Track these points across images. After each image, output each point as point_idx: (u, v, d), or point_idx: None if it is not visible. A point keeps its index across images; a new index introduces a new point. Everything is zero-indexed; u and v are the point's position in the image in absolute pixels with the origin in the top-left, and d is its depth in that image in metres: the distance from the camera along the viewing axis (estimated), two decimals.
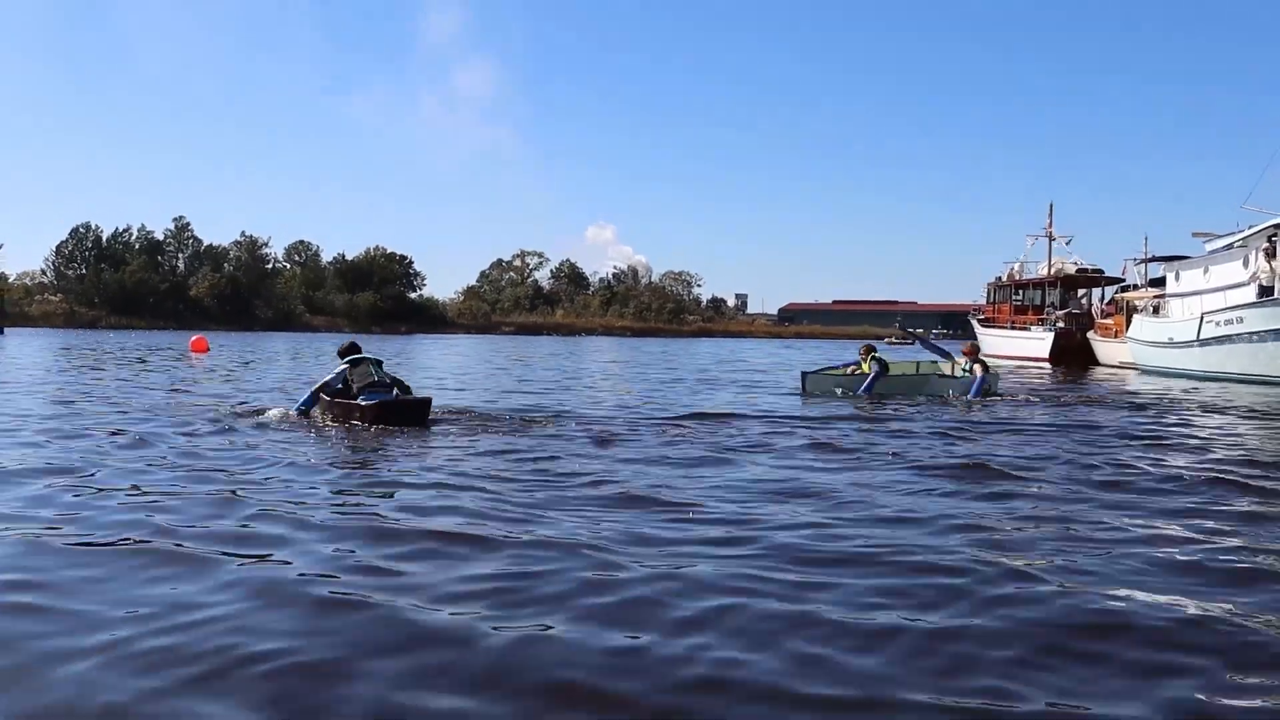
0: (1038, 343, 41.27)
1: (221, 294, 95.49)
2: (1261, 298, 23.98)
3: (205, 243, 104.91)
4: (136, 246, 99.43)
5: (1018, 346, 43.55)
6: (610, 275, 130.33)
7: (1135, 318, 33.33)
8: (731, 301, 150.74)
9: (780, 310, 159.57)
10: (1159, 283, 34.74)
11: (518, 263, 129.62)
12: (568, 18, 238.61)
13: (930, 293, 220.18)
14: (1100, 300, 44.13)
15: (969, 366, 16.80)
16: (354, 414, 10.75)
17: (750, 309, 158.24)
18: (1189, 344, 26.88)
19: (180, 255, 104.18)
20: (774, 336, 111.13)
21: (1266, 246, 24.45)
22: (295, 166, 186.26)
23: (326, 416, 11.07)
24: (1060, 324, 40.81)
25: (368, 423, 10.52)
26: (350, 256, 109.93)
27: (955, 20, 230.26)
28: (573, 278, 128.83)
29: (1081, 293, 45.68)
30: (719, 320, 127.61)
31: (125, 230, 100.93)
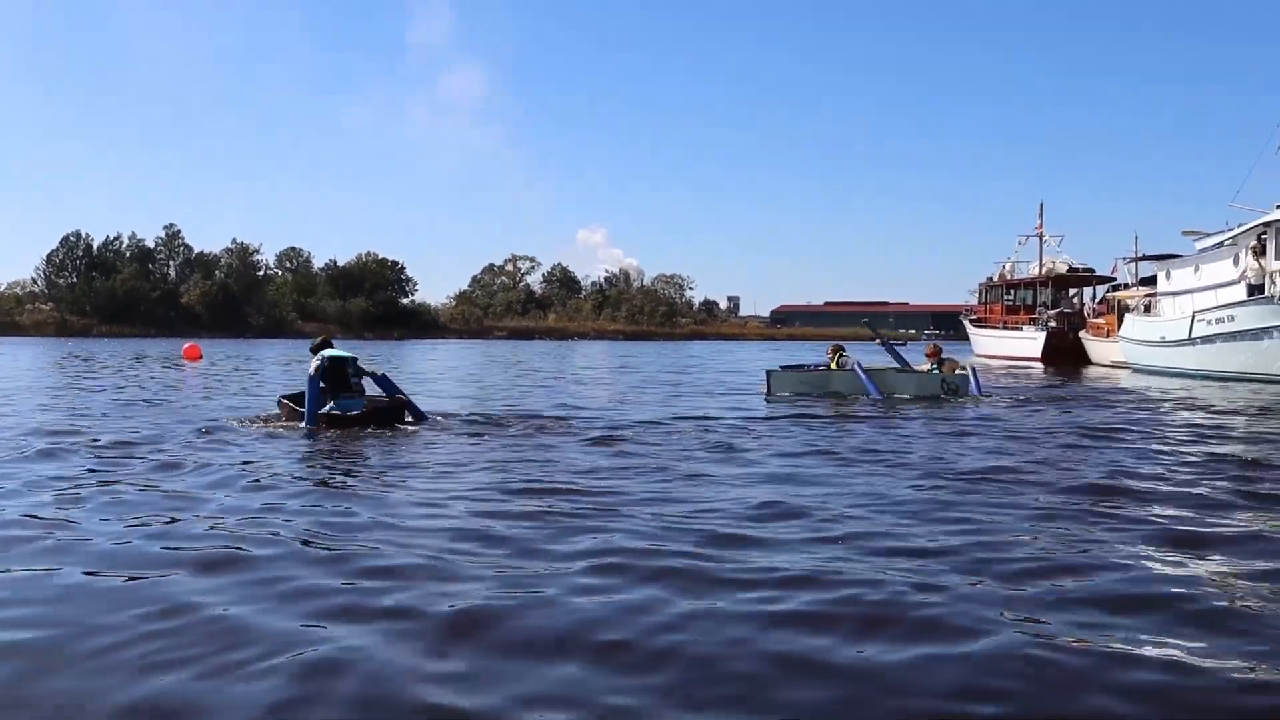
0: (1030, 342, 41.48)
1: (213, 301, 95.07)
2: (1251, 296, 24.19)
3: (196, 250, 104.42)
4: (127, 254, 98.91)
5: (1010, 346, 43.76)
6: (602, 279, 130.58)
7: (1127, 317, 33.52)
8: (724, 304, 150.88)
9: (772, 312, 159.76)
10: (1150, 281, 34.96)
11: (509, 267, 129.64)
12: (555, 20, 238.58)
13: (922, 293, 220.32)
14: (1092, 299, 44.38)
15: (933, 367, 16.79)
16: (333, 423, 10.82)
17: (742, 311, 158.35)
18: (1181, 343, 27.07)
19: (171, 263, 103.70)
20: (766, 339, 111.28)
21: (1255, 245, 24.65)
22: (286, 173, 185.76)
23: (291, 420, 11.18)
24: (1052, 324, 41.04)
25: (345, 428, 10.64)
26: (342, 262, 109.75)
27: (952, 20, 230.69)
28: (564, 282, 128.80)
29: (1073, 292, 45.94)
30: (711, 323, 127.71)
31: (116, 238, 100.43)
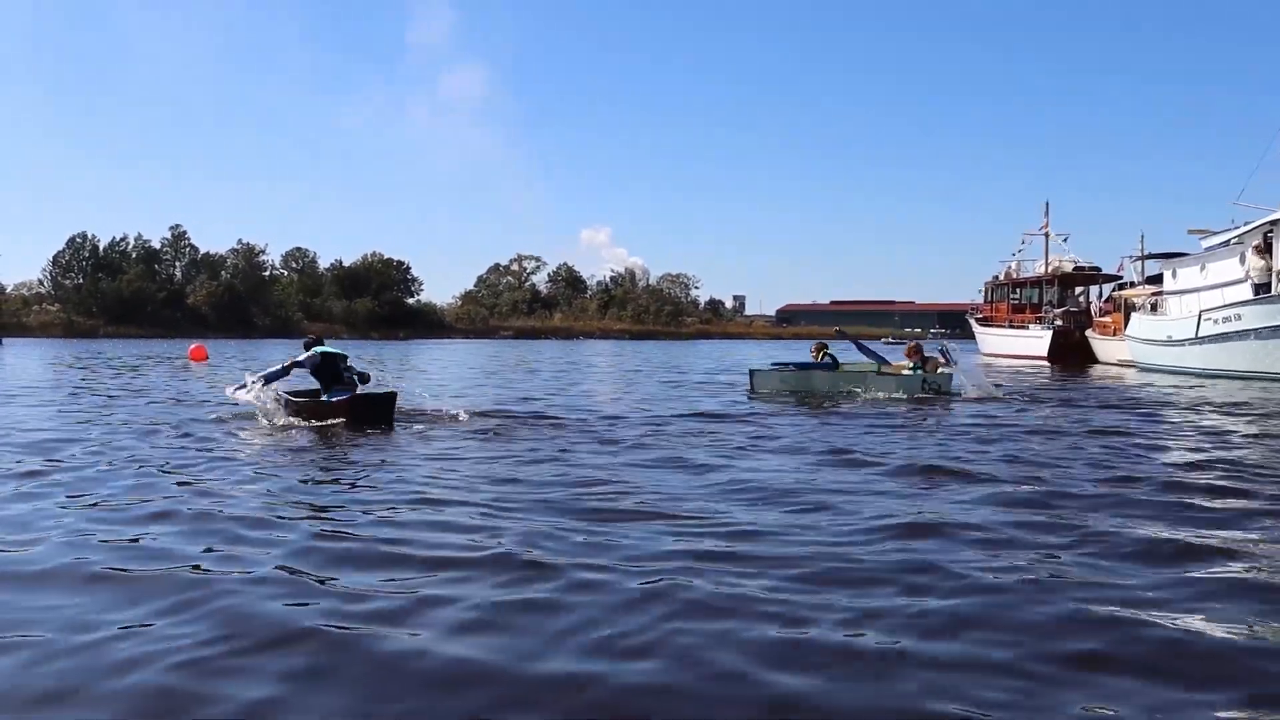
0: (1036, 341, 41.33)
1: (219, 302, 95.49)
2: (1257, 295, 24.06)
3: (202, 251, 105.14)
4: (134, 255, 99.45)
5: (1016, 345, 43.62)
6: (608, 278, 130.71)
7: (1133, 316, 33.36)
8: (729, 303, 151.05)
9: (778, 311, 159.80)
10: (1156, 280, 34.77)
11: (515, 267, 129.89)
12: (556, 18, 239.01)
13: (928, 292, 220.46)
14: (1098, 298, 44.18)
15: (914, 366, 16.98)
16: (322, 412, 11.21)
17: (748, 310, 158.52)
18: (1188, 341, 26.93)
19: (177, 264, 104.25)
20: (773, 338, 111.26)
21: (1260, 243, 24.51)
22: (291, 173, 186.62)
23: (296, 416, 11.38)
24: (1058, 322, 40.88)
25: (336, 419, 10.99)
26: (347, 263, 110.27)
27: (955, 20, 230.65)
28: (570, 281, 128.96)
29: (1079, 291, 45.75)
30: (717, 322, 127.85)
31: (122, 239, 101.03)
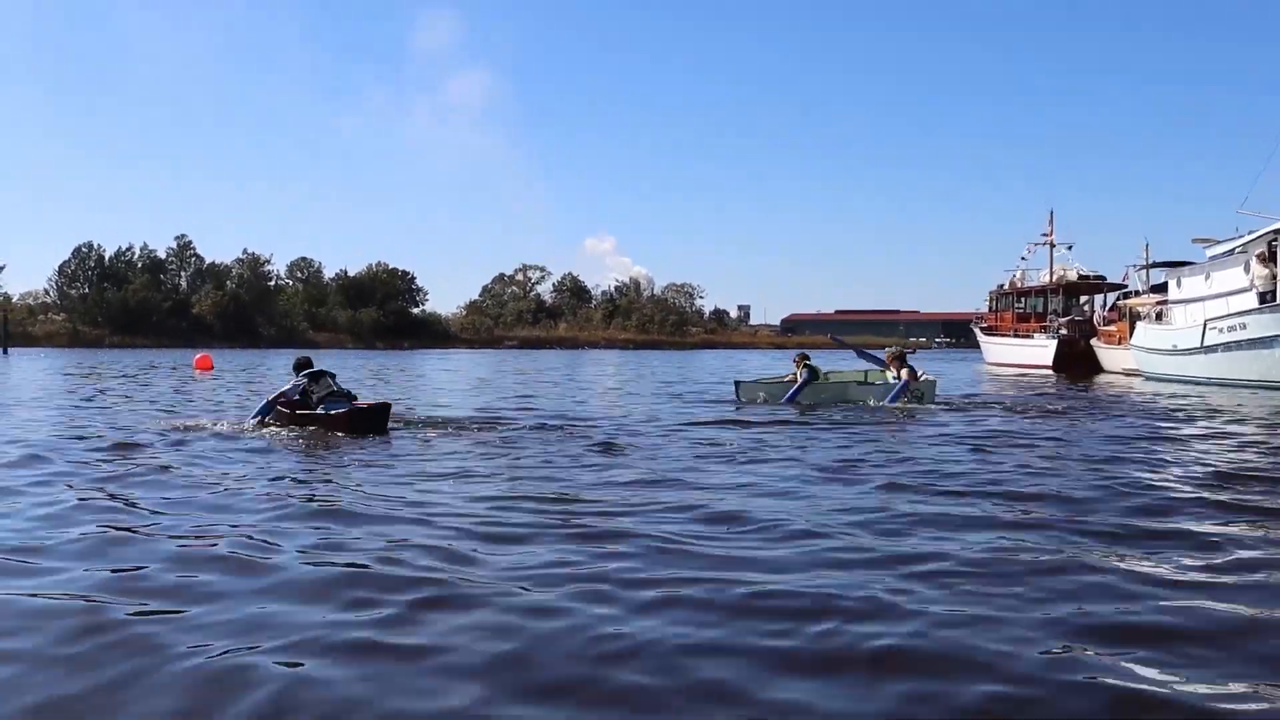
0: (1041, 350, 41.25)
1: (224, 311, 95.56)
2: (1263, 303, 23.97)
3: (208, 260, 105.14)
4: (139, 265, 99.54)
5: (1021, 354, 43.55)
6: (612, 288, 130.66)
7: (1138, 324, 33.30)
8: (734, 313, 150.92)
9: (783, 321, 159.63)
10: (1161, 288, 34.69)
11: (520, 276, 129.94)
12: (559, 24, 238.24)
13: (933, 301, 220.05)
14: (1103, 307, 44.09)
15: (896, 375, 17.06)
16: (318, 424, 11.50)
17: (753, 320, 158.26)
18: (1193, 351, 26.86)
19: (183, 273, 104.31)
20: (777, 347, 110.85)
21: (1264, 252, 24.44)
22: (295, 183, 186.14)
23: (290, 427, 11.62)
24: (1063, 331, 40.79)
25: (331, 430, 11.27)
26: (352, 272, 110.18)
27: (957, 22, 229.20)
28: (575, 291, 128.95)
29: (1084, 299, 45.66)
30: (722, 332, 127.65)
31: (128, 249, 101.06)
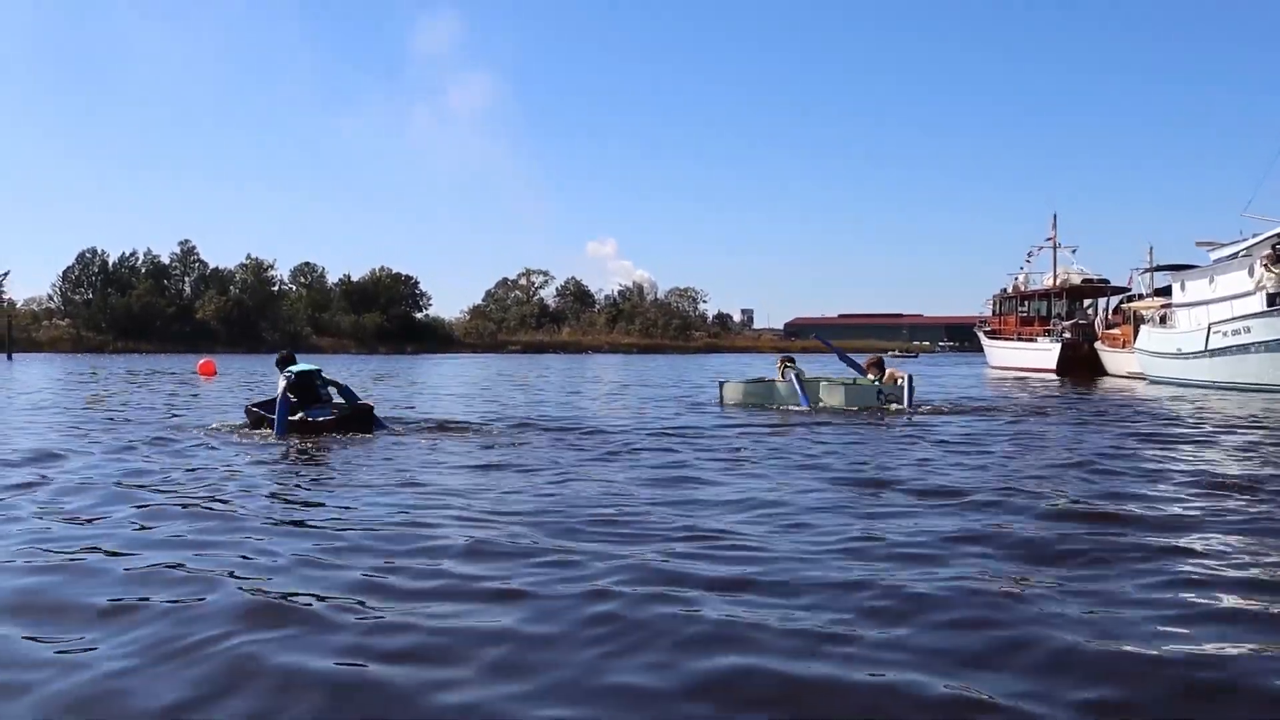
0: (1044, 354, 41.17)
1: (228, 317, 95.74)
2: (1270, 306, 23.91)
3: (211, 266, 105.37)
4: (143, 271, 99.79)
5: (1024, 358, 43.47)
6: (616, 292, 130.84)
7: (1142, 328, 33.22)
8: (737, 316, 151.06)
9: (786, 325, 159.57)
10: (1165, 292, 34.62)
11: (523, 281, 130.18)
12: (560, 27, 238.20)
13: (937, 305, 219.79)
14: (1106, 310, 44.01)
15: (875, 380, 16.95)
16: (306, 431, 11.21)
17: (756, 324, 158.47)
18: (1197, 354, 26.77)
19: (186, 279, 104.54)
20: (780, 351, 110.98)
21: (1268, 255, 24.37)
22: (299, 188, 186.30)
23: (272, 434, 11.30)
24: (1066, 335, 40.70)
25: (320, 433, 11.06)
26: (356, 277, 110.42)
27: (959, 24, 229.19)
28: (578, 295, 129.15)
29: (1087, 303, 45.60)
30: (725, 336, 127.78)
31: (131, 255, 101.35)
